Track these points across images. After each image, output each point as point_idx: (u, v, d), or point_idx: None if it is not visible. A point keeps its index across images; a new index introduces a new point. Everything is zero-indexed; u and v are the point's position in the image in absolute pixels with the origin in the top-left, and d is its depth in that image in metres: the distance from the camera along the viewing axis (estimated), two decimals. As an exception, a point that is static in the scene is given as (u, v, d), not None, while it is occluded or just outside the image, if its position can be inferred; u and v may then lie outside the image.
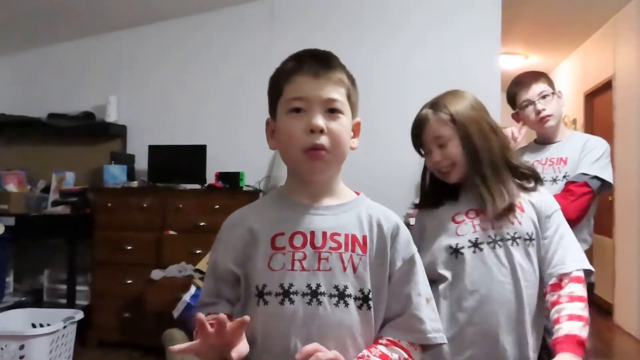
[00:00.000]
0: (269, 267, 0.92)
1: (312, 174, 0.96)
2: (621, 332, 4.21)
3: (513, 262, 1.27)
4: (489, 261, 1.27)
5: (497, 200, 1.29)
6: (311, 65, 0.94)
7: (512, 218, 1.29)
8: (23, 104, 4.08)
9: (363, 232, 0.96)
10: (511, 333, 1.25)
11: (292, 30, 3.83)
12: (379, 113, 3.46)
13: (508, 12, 3.68)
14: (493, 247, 1.28)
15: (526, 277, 1.27)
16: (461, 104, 1.34)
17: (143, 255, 3.50)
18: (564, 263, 1.28)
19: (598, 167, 1.75)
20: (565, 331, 1.20)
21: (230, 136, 3.88)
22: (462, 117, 1.32)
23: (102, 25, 4.03)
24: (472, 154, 1.31)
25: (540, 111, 1.82)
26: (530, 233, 1.29)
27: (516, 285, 1.26)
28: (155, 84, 4.09)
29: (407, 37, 3.75)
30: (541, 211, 1.32)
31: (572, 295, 1.24)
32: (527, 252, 1.28)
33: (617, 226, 4.47)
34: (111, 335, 3.54)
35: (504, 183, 1.31)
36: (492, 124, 1.36)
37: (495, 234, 1.29)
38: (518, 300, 1.25)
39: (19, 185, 3.90)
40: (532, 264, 1.29)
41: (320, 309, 0.90)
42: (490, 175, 1.31)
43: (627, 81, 4.27)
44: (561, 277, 1.27)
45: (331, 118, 0.93)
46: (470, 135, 1.31)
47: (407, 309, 0.95)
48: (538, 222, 1.31)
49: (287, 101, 0.94)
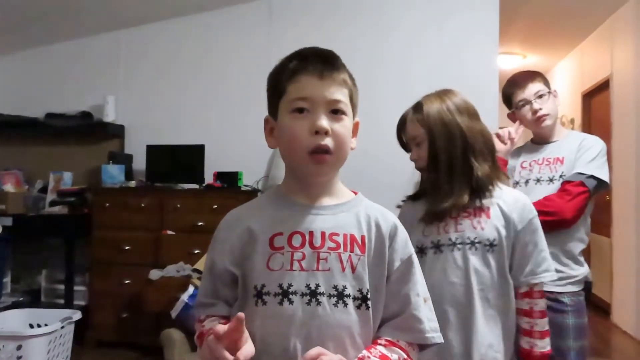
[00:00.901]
0: (267, 267, 0.92)
1: (315, 176, 0.96)
2: (619, 331, 4.22)
3: (468, 266, 1.32)
4: (446, 263, 1.34)
5: (438, 201, 1.35)
6: (316, 65, 0.93)
7: (476, 223, 1.34)
8: (20, 103, 4.07)
9: (361, 232, 0.96)
10: (459, 332, 1.31)
11: (291, 30, 3.83)
12: (377, 113, 3.45)
13: (506, 12, 3.68)
14: (452, 250, 1.34)
15: (481, 281, 1.32)
16: (435, 105, 1.39)
17: (141, 255, 3.50)
18: (536, 274, 1.33)
19: (594, 167, 1.74)
20: (539, 349, 1.32)
21: (228, 136, 3.88)
22: (430, 119, 1.38)
23: (99, 24, 4.02)
24: (433, 154, 1.37)
25: (537, 110, 1.82)
26: (492, 239, 1.33)
27: (468, 288, 1.31)
28: (153, 83, 4.08)
29: (405, 37, 3.75)
30: (511, 219, 1.34)
31: (543, 311, 1.34)
32: (486, 257, 1.32)
33: (614, 225, 4.49)
34: (109, 335, 3.54)
35: (453, 188, 1.34)
36: (464, 128, 1.36)
37: (456, 238, 1.34)
38: (468, 302, 1.31)
39: (17, 185, 3.89)
40: (489, 269, 1.32)
41: (319, 309, 0.89)
42: (444, 178, 1.36)
43: (624, 81, 4.28)
44: (532, 286, 1.34)
45: (335, 119, 0.93)
46: (434, 138, 1.37)
47: (406, 309, 0.95)
48: (506, 230, 1.34)
49: (291, 101, 0.93)
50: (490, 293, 1.32)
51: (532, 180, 1.84)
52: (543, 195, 1.75)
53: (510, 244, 1.34)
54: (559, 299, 1.69)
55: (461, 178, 1.35)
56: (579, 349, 1.67)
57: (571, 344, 1.66)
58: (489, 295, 1.32)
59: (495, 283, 1.33)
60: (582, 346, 1.68)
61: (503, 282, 1.33)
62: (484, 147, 1.39)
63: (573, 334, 1.67)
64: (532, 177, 1.84)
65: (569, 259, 1.74)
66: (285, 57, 0.98)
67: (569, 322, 1.68)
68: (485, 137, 1.40)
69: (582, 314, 1.71)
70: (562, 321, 1.67)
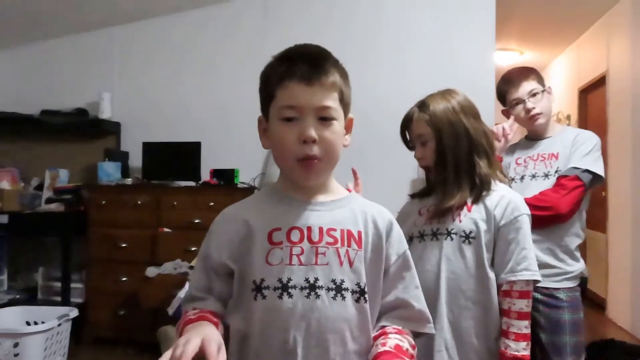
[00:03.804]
0: (266, 261, 0.93)
1: (305, 182, 0.97)
2: (614, 327, 4.23)
3: (440, 254, 1.37)
4: (425, 251, 1.40)
5: (445, 199, 1.39)
6: (303, 70, 0.92)
7: (455, 215, 1.38)
8: (16, 100, 4.05)
9: (358, 227, 0.98)
10: None
11: (286, 26, 3.82)
12: (372, 111, 3.45)
13: (502, 9, 3.68)
14: (431, 239, 1.41)
15: (452, 270, 1.36)
16: (441, 105, 1.42)
17: (138, 253, 3.49)
18: (514, 272, 1.34)
19: (589, 161, 1.75)
20: (512, 351, 1.31)
21: (224, 133, 3.87)
22: (437, 119, 1.41)
23: (94, 21, 4.00)
24: (440, 154, 1.41)
25: (530, 109, 1.83)
26: (468, 232, 1.36)
27: (438, 275, 1.36)
28: (149, 80, 4.06)
29: (400, 33, 3.75)
30: (493, 214, 1.36)
31: (522, 313, 1.33)
32: (461, 247, 1.37)
33: (610, 221, 4.50)
34: (106, 332, 3.54)
35: (460, 186, 1.39)
36: (470, 128, 1.40)
37: (437, 228, 1.41)
38: (436, 289, 1.35)
39: (12, 182, 3.88)
40: (463, 259, 1.36)
41: (318, 302, 0.91)
42: (451, 177, 1.40)
43: (621, 77, 4.29)
44: (512, 284, 1.34)
45: (324, 126, 0.93)
46: (442, 137, 1.40)
47: (408, 301, 0.99)
48: (487, 224, 1.36)
49: (280, 109, 0.94)
50: (465, 284, 1.35)
51: (528, 176, 1.84)
52: (538, 190, 1.76)
53: (491, 238, 1.36)
54: (555, 294, 1.70)
55: (466, 176, 1.40)
56: (574, 344, 1.68)
57: (567, 340, 1.67)
58: (463, 286, 1.35)
59: (471, 275, 1.35)
60: (578, 342, 1.69)
61: (482, 276, 1.35)
62: (487, 146, 1.43)
63: (569, 329, 1.67)
64: (527, 173, 1.85)
65: (565, 254, 1.74)
66: (275, 58, 0.98)
67: (565, 317, 1.68)
68: (487, 136, 1.44)
69: (578, 310, 1.72)
70: (558, 317, 1.68)
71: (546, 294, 1.69)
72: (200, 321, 0.90)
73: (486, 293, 1.35)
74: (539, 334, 1.68)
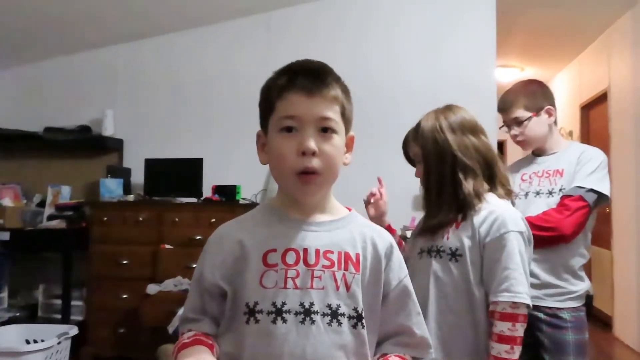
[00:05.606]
0: (260, 284, 0.89)
1: (303, 196, 0.94)
2: (621, 345, 4.18)
3: (429, 271, 1.38)
4: (417, 268, 1.40)
5: (428, 219, 1.43)
6: (304, 82, 0.90)
7: (445, 233, 1.38)
8: (19, 117, 4.07)
9: (356, 250, 0.94)
10: None
11: (289, 44, 3.84)
12: (373, 127, 3.46)
13: (503, 25, 3.70)
14: (421, 257, 1.43)
15: (440, 288, 1.36)
16: (429, 124, 1.43)
17: (139, 270, 3.47)
18: (495, 292, 1.31)
19: (594, 180, 1.71)
20: None
21: (226, 149, 3.88)
22: (424, 139, 1.43)
23: (98, 39, 4.04)
24: (426, 173, 1.44)
25: (515, 136, 1.86)
26: (454, 249, 1.36)
27: (425, 291, 1.36)
28: (152, 97, 4.09)
29: (402, 52, 3.77)
30: (478, 231, 1.35)
31: (502, 336, 1.29)
32: (447, 265, 1.37)
33: (615, 238, 4.47)
34: (106, 350, 3.51)
35: (440, 207, 1.40)
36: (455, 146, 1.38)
37: (430, 246, 1.41)
38: (424, 304, 1.32)
39: (15, 199, 3.88)
40: (451, 277, 1.36)
41: (313, 328, 0.87)
42: (433, 197, 1.42)
43: (622, 93, 4.29)
44: (495, 305, 1.31)
45: (324, 138, 0.90)
46: (427, 157, 1.42)
47: (410, 327, 0.96)
48: (472, 241, 1.34)
49: (279, 119, 0.91)
50: (452, 301, 1.35)
51: (532, 193, 1.82)
52: (542, 208, 1.73)
53: (477, 256, 1.34)
54: (558, 314, 1.67)
55: (449, 197, 1.39)
56: (579, 366, 1.65)
57: (571, 361, 1.64)
58: (450, 302, 1.35)
59: (459, 293, 1.34)
60: (583, 363, 1.66)
61: (469, 294, 1.34)
62: (477, 163, 1.40)
63: (573, 350, 1.64)
64: (531, 190, 1.82)
65: (568, 274, 1.71)
66: (276, 72, 0.96)
67: (568, 338, 1.65)
68: (480, 152, 1.41)
69: (583, 330, 1.69)
70: (562, 337, 1.65)
71: (549, 314, 1.67)
72: (195, 345, 0.88)
73: (473, 311, 1.33)
74: (543, 355, 1.65)
